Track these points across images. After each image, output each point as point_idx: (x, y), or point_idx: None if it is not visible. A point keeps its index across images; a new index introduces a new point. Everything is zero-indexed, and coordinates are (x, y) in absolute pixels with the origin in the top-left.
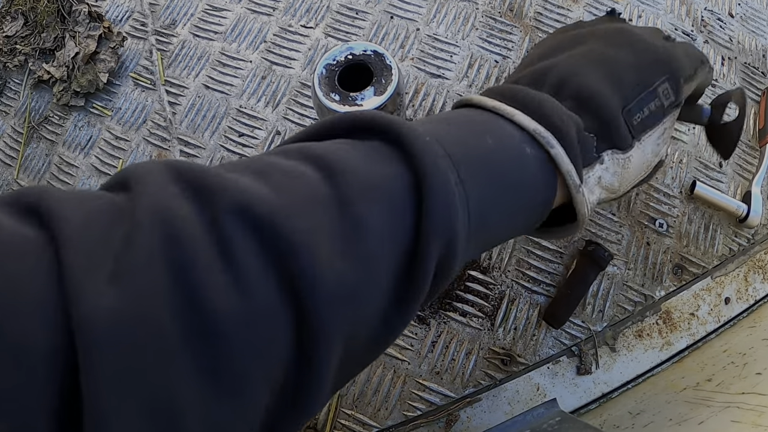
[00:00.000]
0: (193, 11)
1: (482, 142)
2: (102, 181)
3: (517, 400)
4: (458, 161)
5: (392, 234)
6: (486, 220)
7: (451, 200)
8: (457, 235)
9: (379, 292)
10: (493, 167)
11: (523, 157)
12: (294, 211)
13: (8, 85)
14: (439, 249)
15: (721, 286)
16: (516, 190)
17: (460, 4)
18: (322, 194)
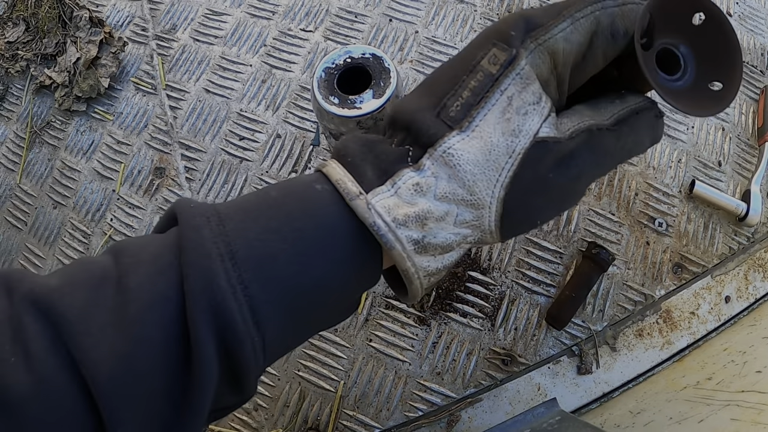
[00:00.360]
0: (194, 16)
1: (265, 196)
2: (104, 185)
3: (518, 400)
4: (226, 218)
5: (158, 299)
6: (270, 270)
7: (204, 256)
8: (220, 290)
9: (154, 354)
10: (266, 215)
11: (307, 195)
12: (71, 290)
13: (10, 90)
14: (208, 311)
15: (722, 285)
16: (300, 229)
17: (458, 7)
18: (105, 274)
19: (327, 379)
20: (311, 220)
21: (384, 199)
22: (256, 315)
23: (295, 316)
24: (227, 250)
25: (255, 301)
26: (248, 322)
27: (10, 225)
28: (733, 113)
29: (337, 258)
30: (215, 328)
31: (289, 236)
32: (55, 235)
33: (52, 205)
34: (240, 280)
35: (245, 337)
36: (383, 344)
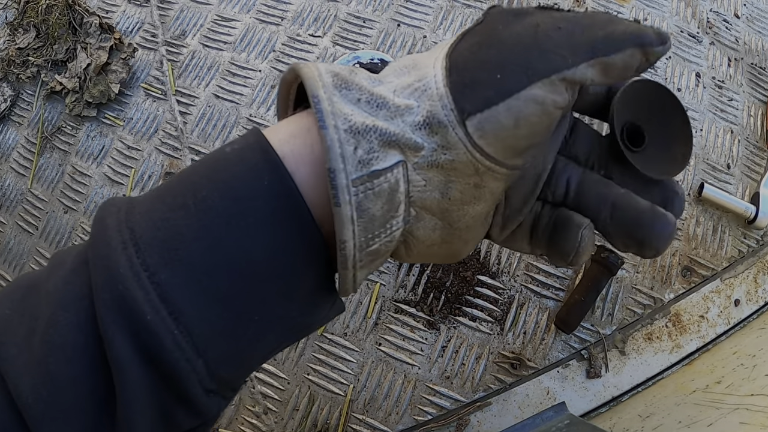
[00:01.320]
0: (203, 22)
1: (178, 176)
2: (115, 190)
3: (527, 404)
4: (137, 204)
5: (68, 299)
6: (179, 252)
7: (106, 244)
8: (122, 278)
9: (65, 350)
10: (174, 193)
11: (218, 160)
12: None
13: (21, 96)
14: (110, 300)
15: (731, 288)
16: (213, 205)
17: (466, 11)
18: (33, 282)
19: (336, 383)
20: (217, 186)
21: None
22: (169, 303)
23: (219, 304)
24: (130, 236)
25: (165, 287)
26: (160, 312)
27: (22, 229)
28: (741, 115)
29: (251, 222)
30: (125, 323)
31: (193, 210)
32: (66, 240)
33: (63, 209)
34: (145, 266)
35: (161, 330)
36: (392, 348)
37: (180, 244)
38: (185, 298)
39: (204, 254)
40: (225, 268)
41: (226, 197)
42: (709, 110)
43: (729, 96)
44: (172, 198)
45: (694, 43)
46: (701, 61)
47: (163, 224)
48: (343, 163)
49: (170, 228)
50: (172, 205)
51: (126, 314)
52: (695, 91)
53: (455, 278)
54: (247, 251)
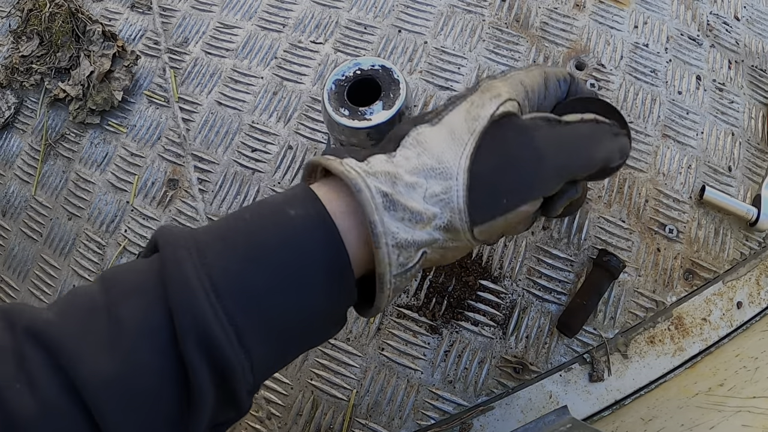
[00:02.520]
0: (205, 29)
1: (239, 221)
2: (118, 197)
3: (529, 408)
4: (206, 248)
5: (149, 329)
6: (253, 300)
7: (189, 290)
8: (205, 319)
9: (152, 379)
10: (245, 246)
11: (283, 223)
12: (65, 321)
13: (25, 103)
14: (195, 339)
15: (733, 291)
16: (280, 263)
17: (466, 17)
18: (95, 304)
19: (339, 388)
20: (287, 249)
21: (355, 162)
22: (243, 342)
23: (280, 338)
24: (210, 284)
25: (240, 329)
26: (236, 349)
27: (26, 236)
28: (742, 118)
29: (316, 282)
30: (207, 357)
31: (267, 266)
32: (70, 246)
33: (67, 216)
34: (225, 311)
35: (235, 364)
36: (395, 353)
37: (254, 295)
38: (255, 338)
39: (274, 306)
40: (287, 316)
41: (296, 261)
42: (709, 113)
43: (730, 98)
44: (244, 250)
45: (695, 46)
46: (702, 63)
47: (239, 276)
48: (389, 267)
49: (245, 281)
50: (246, 258)
51: (209, 350)
52: (696, 94)
53: (457, 283)
54: (306, 306)
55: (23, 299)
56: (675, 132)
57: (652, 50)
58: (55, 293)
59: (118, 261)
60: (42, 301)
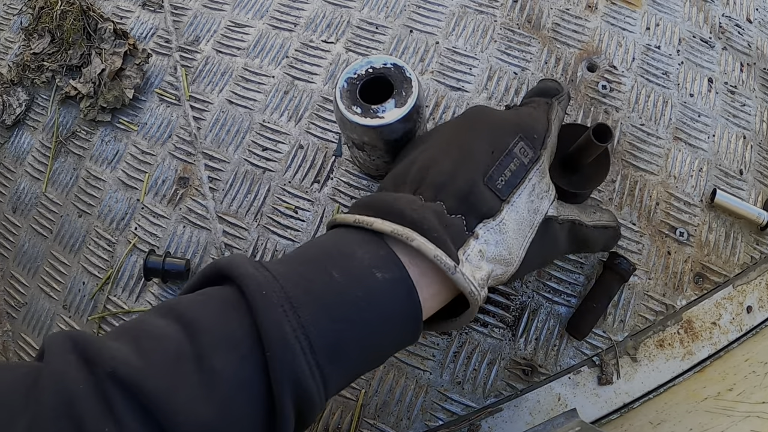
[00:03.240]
0: (216, 28)
1: (329, 279)
2: (129, 194)
3: (538, 410)
4: (300, 306)
5: (244, 380)
6: (340, 356)
7: (289, 352)
8: (303, 379)
9: (243, 428)
10: (338, 308)
11: (372, 287)
12: (155, 371)
13: (36, 101)
14: (291, 393)
15: (743, 295)
16: (367, 323)
17: (478, 17)
18: (182, 352)
19: (348, 388)
20: (376, 311)
21: (466, 268)
22: (327, 388)
23: (349, 377)
24: (307, 344)
25: (327, 379)
26: (321, 393)
27: (36, 233)
28: (754, 121)
29: (397, 339)
30: (295, 401)
31: (357, 326)
32: (80, 243)
33: (78, 213)
34: (318, 365)
35: (317, 404)
36: (404, 353)
37: (343, 350)
38: (337, 383)
39: (359, 359)
40: (366, 361)
41: (380, 321)
42: (721, 116)
43: (741, 101)
44: (337, 309)
45: (707, 49)
46: (713, 66)
47: (331, 335)
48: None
49: (337, 338)
50: (338, 318)
51: (299, 396)
52: (707, 97)
53: None
54: (383, 351)
55: (33, 296)
56: (686, 135)
57: (664, 52)
58: (64, 290)
59: (128, 258)
60: (52, 297)
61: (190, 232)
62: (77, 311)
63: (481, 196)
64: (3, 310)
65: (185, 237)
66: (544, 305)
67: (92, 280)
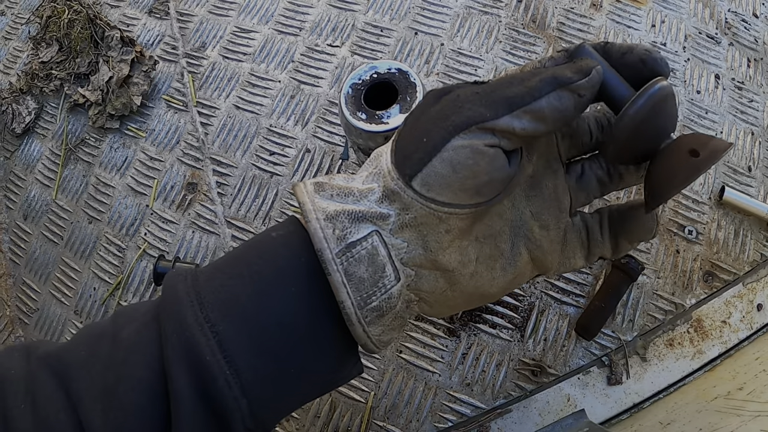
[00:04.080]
0: (222, 34)
1: (234, 252)
2: (138, 201)
3: (547, 411)
4: (200, 274)
5: (140, 343)
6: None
7: (177, 303)
8: (190, 329)
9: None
10: (231, 267)
11: (265, 243)
12: (75, 347)
13: (45, 109)
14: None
15: (753, 293)
16: (259, 274)
17: (483, 18)
18: (103, 332)
19: (357, 390)
20: (266, 263)
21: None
22: (224, 349)
23: (265, 355)
24: (197, 297)
25: (222, 336)
26: (217, 355)
27: (47, 239)
28: (762, 117)
29: (292, 293)
30: (187, 363)
31: (248, 279)
32: (91, 249)
33: (88, 220)
34: (207, 318)
35: (216, 370)
36: (413, 355)
37: (236, 304)
38: (238, 347)
39: (255, 313)
40: (272, 325)
41: (273, 270)
42: (729, 112)
43: (749, 97)
44: (230, 269)
45: (713, 45)
46: (720, 62)
47: (222, 289)
48: (326, 242)
49: (228, 292)
50: (230, 275)
51: (189, 355)
52: (714, 93)
53: None
54: (290, 314)
55: (44, 302)
56: (694, 132)
57: (670, 49)
58: (75, 296)
59: (138, 264)
60: (63, 303)
61: (199, 237)
62: (88, 316)
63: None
64: (15, 316)
65: (194, 242)
66: (553, 306)
67: (103, 286)
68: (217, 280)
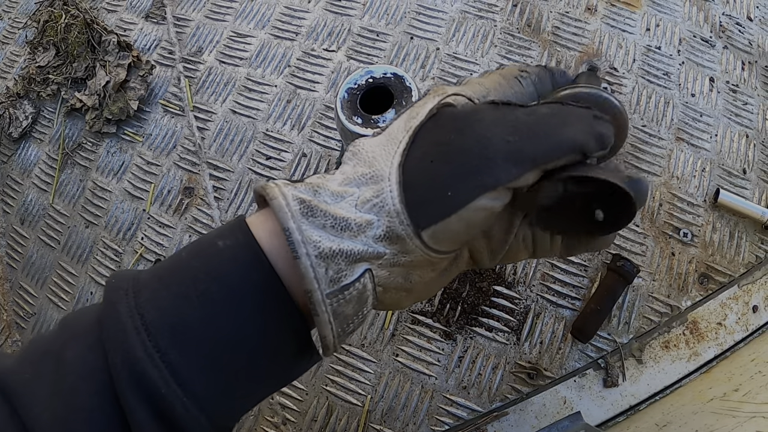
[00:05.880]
0: (219, 38)
1: (176, 260)
2: (135, 205)
3: (543, 413)
4: (142, 289)
5: (88, 370)
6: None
7: (120, 328)
8: (138, 360)
9: (87, 414)
10: (176, 283)
11: (211, 255)
12: (21, 368)
13: (42, 113)
14: (129, 377)
15: (749, 294)
16: (207, 293)
17: (478, 22)
18: (48, 348)
19: (354, 394)
20: (215, 281)
21: (285, 182)
22: (177, 377)
23: (219, 373)
24: (141, 322)
25: (174, 365)
26: (171, 385)
27: (44, 243)
28: (756, 119)
29: (245, 313)
30: (143, 396)
31: (195, 300)
32: (88, 254)
33: (85, 224)
34: (156, 348)
35: (173, 399)
36: (410, 359)
37: (186, 329)
38: (191, 372)
39: (206, 338)
40: (224, 347)
41: (223, 290)
42: (723, 115)
43: (743, 100)
44: (176, 285)
45: (707, 48)
46: (715, 65)
47: (169, 312)
48: (317, 283)
49: (176, 315)
50: (177, 294)
51: (143, 388)
52: (709, 96)
53: (471, 289)
54: (243, 335)
55: (41, 306)
56: (689, 135)
57: (664, 53)
58: (72, 300)
59: (135, 268)
60: (60, 307)
61: None
62: None
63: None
64: (12, 320)
65: None
66: (548, 309)
67: (100, 290)
68: (162, 299)
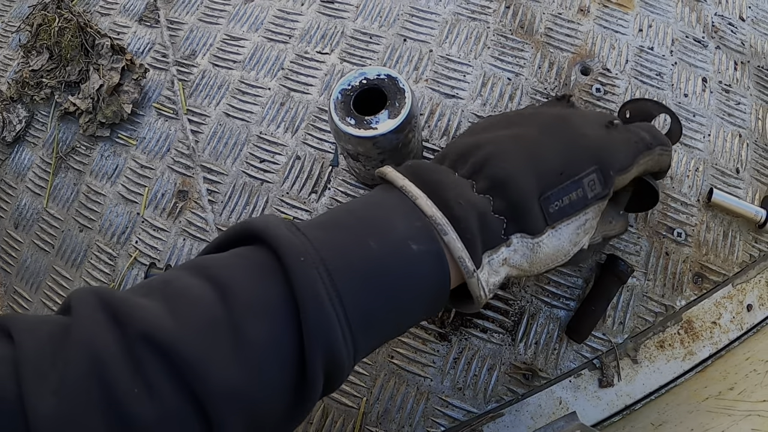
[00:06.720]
0: (212, 41)
1: (366, 248)
2: (129, 209)
3: (539, 414)
4: (336, 273)
5: (276, 345)
6: (372, 323)
7: (324, 317)
8: (335, 344)
9: (273, 391)
10: (373, 277)
11: (408, 258)
12: (189, 336)
13: (36, 117)
14: (322, 358)
15: (743, 293)
16: (400, 292)
17: (471, 24)
18: (217, 317)
19: (350, 396)
20: (409, 287)
21: (483, 274)
22: (357, 354)
23: (382, 340)
24: (342, 311)
25: (358, 346)
26: (351, 361)
27: (38, 248)
28: (749, 119)
29: (426, 309)
30: (324, 366)
31: (390, 296)
32: (82, 258)
33: (79, 228)
34: (351, 332)
35: (346, 370)
36: (405, 361)
37: (376, 319)
38: (365, 350)
39: (388, 328)
40: (396, 330)
41: (413, 290)
42: (716, 115)
43: (736, 100)
44: (372, 281)
45: (700, 48)
46: (707, 65)
47: (365, 303)
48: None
49: (371, 307)
50: (372, 288)
51: (329, 364)
52: (702, 96)
53: None
54: (413, 322)
55: (36, 310)
56: (683, 135)
57: (657, 53)
58: None
59: (129, 272)
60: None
61: (191, 244)
62: None
63: (530, 213)
64: None
65: (186, 249)
66: (543, 309)
67: None
68: (358, 290)
